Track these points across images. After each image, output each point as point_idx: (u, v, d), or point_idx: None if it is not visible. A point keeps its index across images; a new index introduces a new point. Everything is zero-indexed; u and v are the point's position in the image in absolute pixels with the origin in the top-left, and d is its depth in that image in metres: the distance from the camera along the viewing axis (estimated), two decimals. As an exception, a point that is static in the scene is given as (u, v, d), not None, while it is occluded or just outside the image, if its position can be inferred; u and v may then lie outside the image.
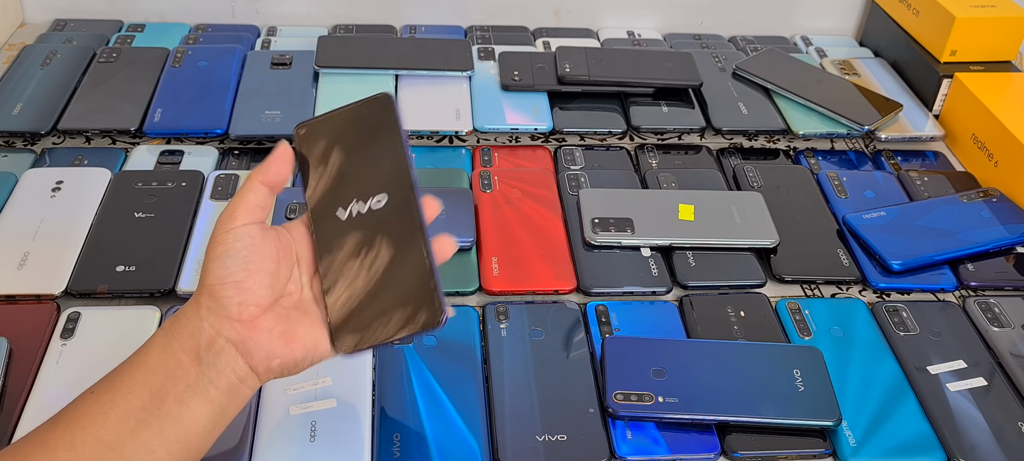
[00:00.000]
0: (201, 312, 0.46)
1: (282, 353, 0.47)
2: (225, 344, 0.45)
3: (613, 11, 1.10)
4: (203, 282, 0.46)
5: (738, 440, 0.58)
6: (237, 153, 0.83)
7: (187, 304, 0.47)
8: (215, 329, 0.45)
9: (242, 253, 0.46)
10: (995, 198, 0.80)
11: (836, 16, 1.12)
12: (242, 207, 0.48)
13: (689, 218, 0.74)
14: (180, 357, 0.45)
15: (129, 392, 0.44)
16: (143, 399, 0.44)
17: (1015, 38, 0.95)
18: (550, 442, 0.57)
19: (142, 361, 0.46)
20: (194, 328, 0.45)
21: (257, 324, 0.46)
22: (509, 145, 0.87)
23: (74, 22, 1.03)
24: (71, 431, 0.43)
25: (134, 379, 0.45)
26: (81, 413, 0.44)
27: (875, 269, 0.72)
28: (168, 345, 0.46)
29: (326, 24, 1.06)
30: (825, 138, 0.90)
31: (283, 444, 0.55)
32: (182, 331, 0.46)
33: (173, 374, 0.45)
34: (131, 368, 0.46)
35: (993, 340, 0.67)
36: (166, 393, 0.44)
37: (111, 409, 0.44)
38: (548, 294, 0.69)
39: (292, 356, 0.47)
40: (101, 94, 0.86)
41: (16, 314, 0.63)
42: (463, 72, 0.92)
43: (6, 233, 0.70)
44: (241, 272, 0.46)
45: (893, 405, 0.61)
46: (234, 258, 0.46)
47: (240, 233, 0.47)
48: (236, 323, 0.46)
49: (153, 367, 0.45)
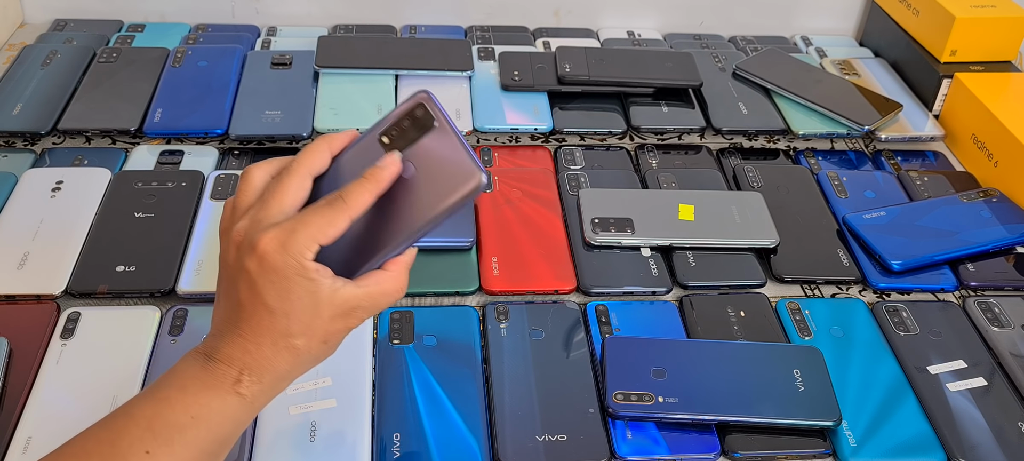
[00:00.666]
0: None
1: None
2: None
3: (613, 11, 1.10)
4: (286, 329, 0.45)
5: (738, 440, 0.58)
6: (237, 153, 0.83)
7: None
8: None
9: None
10: (995, 198, 0.80)
11: (836, 16, 1.12)
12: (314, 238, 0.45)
13: (689, 218, 0.74)
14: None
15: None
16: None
17: (1015, 38, 0.95)
18: (550, 442, 0.57)
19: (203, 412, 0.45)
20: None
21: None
22: (509, 145, 0.87)
23: (74, 22, 1.03)
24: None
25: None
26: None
27: (875, 269, 0.72)
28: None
29: (326, 24, 1.06)
30: (825, 138, 0.90)
31: (283, 444, 0.55)
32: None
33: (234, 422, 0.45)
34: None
35: (993, 340, 0.67)
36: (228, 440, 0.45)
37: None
38: (548, 294, 0.69)
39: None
40: (101, 94, 0.86)
41: (16, 314, 0.63)
42: (463, 72, 0.92)
43: (6, 233, 0.70)
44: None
45: (893, 405, 0.61)
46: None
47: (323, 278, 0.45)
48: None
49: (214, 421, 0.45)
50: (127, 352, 0.61)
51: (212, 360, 0.45)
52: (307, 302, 0.44)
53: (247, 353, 0.44)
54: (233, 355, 0.44)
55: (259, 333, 0.44)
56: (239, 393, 0.44)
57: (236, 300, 0.45)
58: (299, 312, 0.44)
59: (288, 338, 0.45)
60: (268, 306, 0.44)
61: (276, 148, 0.83)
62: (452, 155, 0.47)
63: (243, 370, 0.44)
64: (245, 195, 0.47)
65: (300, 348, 0.45)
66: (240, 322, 0.45)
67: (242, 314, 0.45)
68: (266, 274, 0.43)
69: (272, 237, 0.44)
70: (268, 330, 0.44)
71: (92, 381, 0.59)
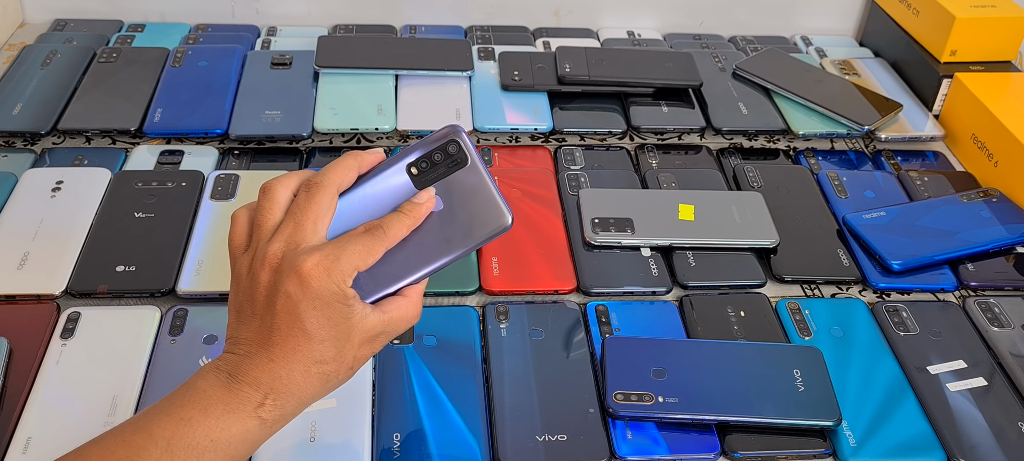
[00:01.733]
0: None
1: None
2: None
3: (613, 11, 1.10)
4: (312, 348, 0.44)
5: (738, 440, 0.58)
6: (237, 153, 0.83)
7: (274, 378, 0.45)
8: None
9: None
10: (995, 198, 0.80)
11: (836, 16, 1.12)
12: (354, 265, 0.46)
13: (689, 218, 0.74)
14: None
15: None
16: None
17: (1015, 38, 0.95)
18: (550, 442, 0.57)
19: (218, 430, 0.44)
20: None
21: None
22: (509, 145, 0.87)
23: (74, 22, 1.03)
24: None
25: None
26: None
27: (875, 269, 0.72)
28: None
29: (326, 24, 1.07)
30: (825, 138, 0.90)
31: (283, 444, 0.55)
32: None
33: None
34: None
35: (993, 340, 0.67)
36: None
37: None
38: (548, 294, 0.69)
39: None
40: (101, 94, 0.86)
41: (16, 314, 0.63)
42: (463, 72, 0.92)
43: (6, 233, 0.70)
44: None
45: (893, 405, 0.61)
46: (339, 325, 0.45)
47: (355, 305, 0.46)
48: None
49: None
50: (127, 352, 0.61)
51: (236, 381, 0.44)
52: (343, 328, 0.44)
53: (277, 378, 0.44)
54: (261, 378, 0.44)
55: (292, 358, 0.44)
56: (260, 417, 0.44)
57: (270, 323, 0.44)
58: (334, 338, 0.44)
59: (321, 365, 0.45)
60: (306, 331, 0.44)
61: (276, 148, 0.83)
62: (482, 194, 0.48)
63: (269, 394, 0.44)
64: (270, 213, 0.47)
65: (329, 374, 0.45)
66: (273, 345, 0.44)
67: (275, 337, 0.44)
68: (309, 299, 0.43)
69: (316, 263, 0.44)
70: (303, 356, 0.44)
71: (92, 381, 0.59)
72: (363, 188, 0.49)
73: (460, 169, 0.48)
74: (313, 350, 0.44)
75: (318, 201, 0.46)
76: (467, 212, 0.48)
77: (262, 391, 0.44)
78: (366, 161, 0.49)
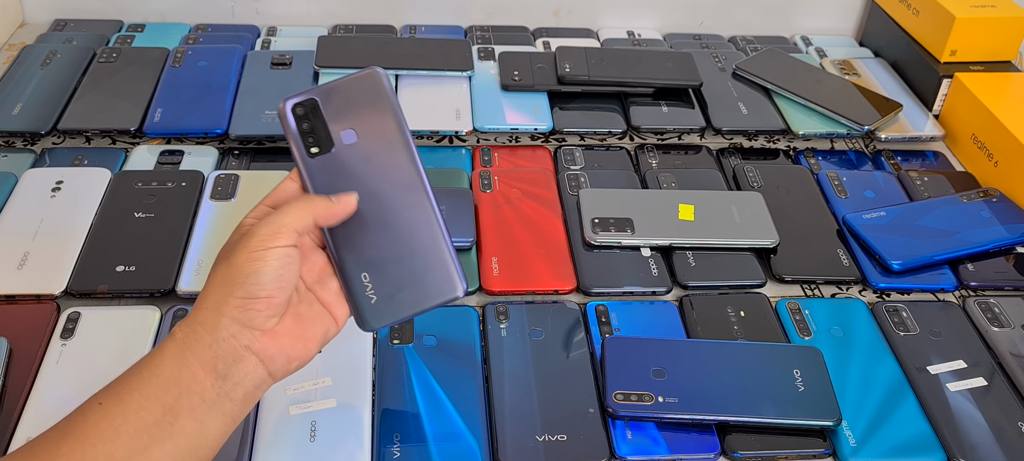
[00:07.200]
0: (222, 322, 0.45)
1: (301, 354, 0.48)
2: (246, 354, 0.45)
3: (613, 11, 1.10)
4: (230, 293, 0.45)
5: (738, 440, 0.58)
6: (237, 153, 0.83)
7: (203, 314, 0.45)
8: (237, 340, 0.45)
9: (278, 272, 0.45)
10: (995, 198, 0.80)
11: (836, 16, 1.12)
12: (286, 231, 0.46)
13: (689, 218, 0.74)
14: (195, 371, 0.44)
15: (141, 407, 0.43)
16: (156, 415, 0.43)
17: (1015, 38, 0.95)
18: (550, 442, 0.57)
19: (154, 374, 0.44)
20: (212, 340, 0.45)
21: (278, 332, 0.46)
22: (509, 145, 0.87)
23: (74, 22, 1.03)
24: (82, 447, 0.42)
25: (146, 394, 0.43)
26: (91, 427, 0.43)
27: (875, 269, 0.72)
28: (182, 357, 0.44)
29: (326, 24, 1.07)
30: (825, 138, 0.90)
31: (283, 444, 0.55)
32: (198, 343, 0.45)
33: (188, 389, 0.44)
34: (142, 381, 0.44)
35: (993, 340, 0.67)
36: (180, 409, 0.44)
37: (122, 425, 0.43)
38: (548, 294, 0.69)
39: (309, 354, 0.48)
40: (101, 94, 0.86)
41: (16, 314, 0.63)
42: (463, 72, 0.92)
43: (6, 233, 0.70)
44: (275, 290, 0.46)
45: (893, 405, 0.61)
46: (269, 276, 0.45)
47: (280, 253, 0.46)
48: (259, 334, 0.46)
49: (166, 381, 0.44)
50: (127, 352, 0.61)
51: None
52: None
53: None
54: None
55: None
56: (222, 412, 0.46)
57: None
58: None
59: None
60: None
61: (276, 148, 0.83)
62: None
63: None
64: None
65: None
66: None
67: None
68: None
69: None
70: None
71: (92, 381, 0.58)
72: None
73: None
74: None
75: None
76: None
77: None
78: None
